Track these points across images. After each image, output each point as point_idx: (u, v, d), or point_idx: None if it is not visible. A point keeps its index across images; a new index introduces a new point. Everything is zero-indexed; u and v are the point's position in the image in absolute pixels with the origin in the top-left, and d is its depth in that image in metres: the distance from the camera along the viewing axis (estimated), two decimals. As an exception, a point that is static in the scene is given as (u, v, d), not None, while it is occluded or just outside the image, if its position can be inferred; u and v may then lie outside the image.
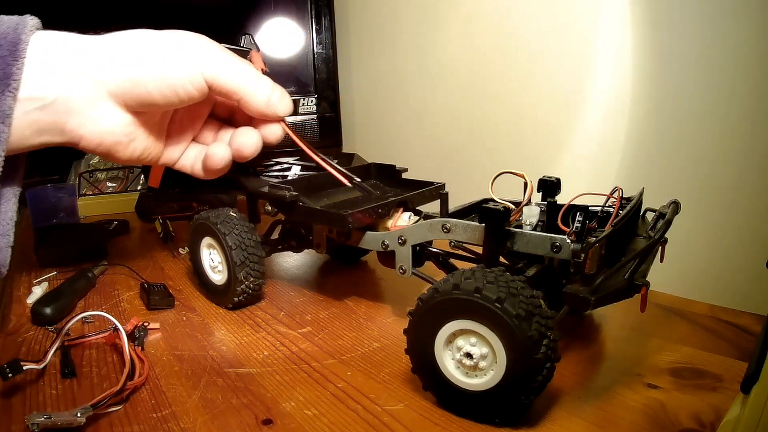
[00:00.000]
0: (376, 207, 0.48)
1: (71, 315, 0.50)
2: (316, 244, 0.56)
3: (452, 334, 0.34)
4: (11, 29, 0.28)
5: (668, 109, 0.61)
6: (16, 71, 0.27)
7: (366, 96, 1.06)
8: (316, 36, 0.96)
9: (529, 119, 0.76)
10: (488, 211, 0.38)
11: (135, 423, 0.36)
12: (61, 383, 0.41)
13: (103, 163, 1.00)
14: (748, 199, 0.56)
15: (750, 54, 0.54)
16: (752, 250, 0.56)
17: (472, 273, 0.34)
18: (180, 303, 0.56)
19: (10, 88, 0.27)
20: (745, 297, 0.53)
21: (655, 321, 0.49)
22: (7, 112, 0.27)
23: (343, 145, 1.06)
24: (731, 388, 0.38)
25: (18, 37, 0.28)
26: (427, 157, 0.93)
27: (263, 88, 0.34)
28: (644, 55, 0.62)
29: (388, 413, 0.37)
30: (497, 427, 0.34)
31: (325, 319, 0.52)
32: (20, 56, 0.27)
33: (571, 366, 0.41)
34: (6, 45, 0.27)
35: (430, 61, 0.89)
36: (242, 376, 0.42)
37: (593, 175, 0.69)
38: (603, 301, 0.32)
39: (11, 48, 0.27)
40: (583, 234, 0.34)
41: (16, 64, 0.27)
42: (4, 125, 0.27)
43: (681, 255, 0.49)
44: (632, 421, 0.35)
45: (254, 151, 0.35)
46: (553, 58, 0.71)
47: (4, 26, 0.28)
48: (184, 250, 0.72)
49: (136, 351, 0.44)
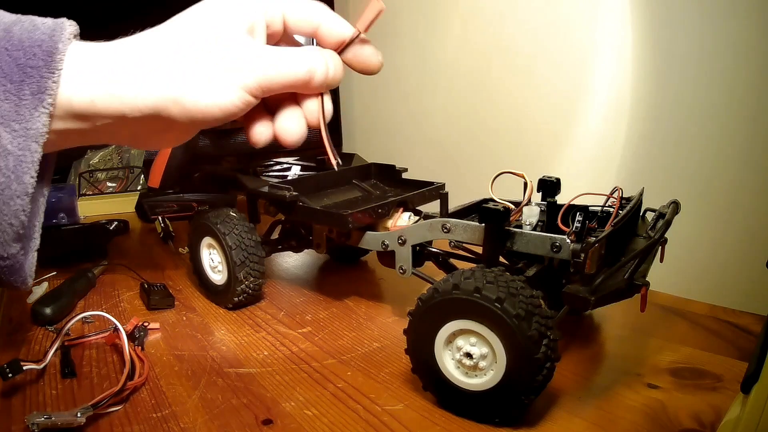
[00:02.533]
0: (376, 207, 0.48)
1: (71, 315, 0.50)
2: (316, 244, 0.56)
3: (452, 334, 0.34)
4: (47, 36, 0.25)
5: (668, 109, 0.61)
6: (51, 85, 0.24)
7: (366, 96, 1.05)
8: (316, 36, 0.96)
9: (529, 119, 0.76)
10: (488, 211, 0.38)
11: (135, 423, 0.36)
12: (61, 383, 0.41)
13: (103, 163, 1.00)
14: (748, 199, 0.56)
15: (750, 54, 0.54)
16: (752, 250, 0.56)
17: (471, 273, 0.34)
18: (180, 303, 0.56)
19: (45, 104, 0.24)
20: (745, 297, 0.53)
21: (655, 321, 0.49)
22: (40, 130, 0.24)
23: (343, 145, 1.07)
24: (731, 388, 0.38)
25: (54, 45, 0.25)
26: (427, 157, 0.92)
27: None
28: (644, 55, 0.62)
29: (388, 413, 0.36)
30: (497, 427, 0.34)
31: (325, 319, 0.52)
32: (56, 68, 0.24)
33: (571, 366, 0.41)
34: (41, 54, 0.24)
35: (430, 61, 0.89)
36: (242, 376, 0.42)
37: (593, 175, 0.69)
38: (603, 301, 0.32)
39: (46, 58, 0.24)
40: (582, 234, 0.34)
41: (52, 77, 0.24)
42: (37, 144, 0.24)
43: (681, 255, 0.49)
44: (632, 421, 0.35)
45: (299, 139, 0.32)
46: (553, 58, 0.71)
47: (38, 32, 0.25)
48: (184, 250, 0.72)
49: (136, 351, 0.44)
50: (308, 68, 0.29)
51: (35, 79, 0.24)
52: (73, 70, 0.25)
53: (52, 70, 0.24)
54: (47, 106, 0.24)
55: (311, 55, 0.30)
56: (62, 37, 0.25)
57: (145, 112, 0.27)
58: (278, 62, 0.29)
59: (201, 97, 0.27)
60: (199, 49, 0.27)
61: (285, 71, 0.29)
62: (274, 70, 0.28)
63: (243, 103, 0.28)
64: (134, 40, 0.28)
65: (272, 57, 0.29)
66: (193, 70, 0.27)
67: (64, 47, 0.25)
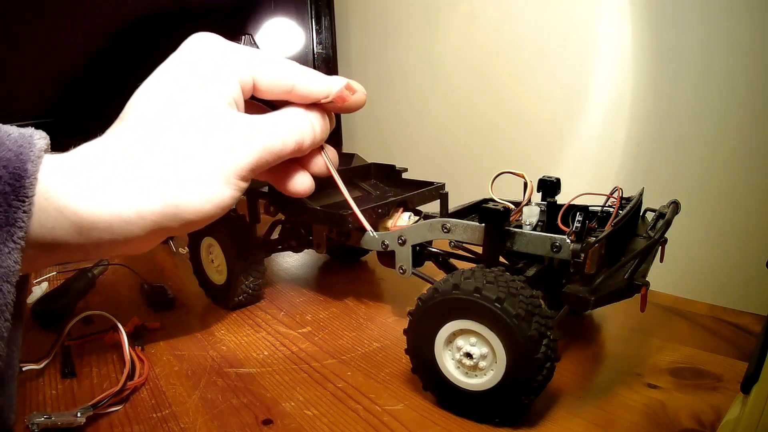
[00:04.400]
0: (376, 207, 0.48)
1: (71, 315, 0.50)
2: (316, 244, 0.56)
3: (452, 334, 0.34)
4: (14, 155, 0.20)
5: (668, 109, 0.61)
6: (21, 216, 0.20)
7: (366, 96, 1.05)
8: (316, 36, 0.96)
9: (529, 119, 0.76)
10: (488, 211, 0.38)
11: (135, 423, 0.36)
12: (61, 383, 0.41)
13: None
14: (748, 199, 0.56)
15: (750, 53, 0.54)
16: (752, 250, 0.56)
17: (471, 273, 0.34)
18: (180, 303, 0.56)
19: (15, 238, 0.20)
20: (745, 297, 0.53)
21: (655, 321, 0.49)
22: (12, 268, 0.20)
23: (343, 145, 1.06)
24: (731, 388, 0.38)
25: (23, 167, 0.20)
26: (427, 157, 0.93)
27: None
28: (644, 55, 0.62)
29: (388, 413, 0.37)
30: (497, 427, 0.34)
31: (325, 319, 0.52)
32: (26, 195, 0.20)
33: (571, 366, 0.41)
34: (6, 178, 0.20)
35: (430, 61, 0.89)
36: (242, 376, 0.42)
37: (593, 175, 0.69)
38: (603, 301, 0.32)
39: (14, 182, 0.20)
40: (582, 234, 0.34)
41: (22, 206, 0.20)
42: (10, 284, 0.20)
43: (681, 255, 0.49)
44: (632, 421, 0.35)
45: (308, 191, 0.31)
46: (553, 58, 0.71)
47: (4, 148, 0.20)
48: (184, 250, 0.72)
49: (136, 351, 0.44)
50: (298, 137, 0.27)
51: (2, 209, 0.20)
52: (50, 195, 0.21)
53: (21, 198, 0.20)
54: (18, 241, 0.20)
55: (298, 121, 0.28)
56: (30, 156, 0.21)
57: (144, 232, 0.24)
58: (266, 142, 0.26)
59: (200, 203, 0.24)
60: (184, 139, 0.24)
61: (277, 149, 0.26)
62: (264, 150, 0.26)
63: (240, 191, 0.26)
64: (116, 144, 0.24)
65: (259, 137, 0.26)
66: (182, 168, 0.24)
67: (34, 169, 0.21)
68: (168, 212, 0.24)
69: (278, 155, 0.27)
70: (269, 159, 0.26)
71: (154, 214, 0.23)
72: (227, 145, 0.25)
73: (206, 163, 0.24)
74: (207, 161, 0.24)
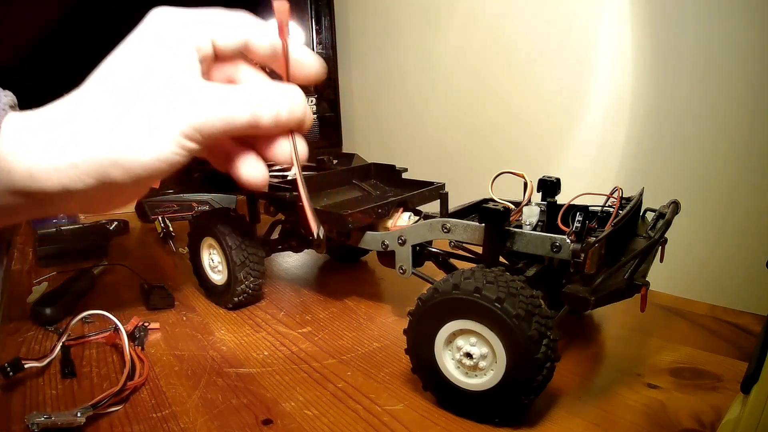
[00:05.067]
0: (376, 207, 0.48)
1: (71, 315, 0.50)
2: (316, 244, 0.56)
3: (452, 334, 0.34)
4: None
5: (668, 109, 0.61)
6: None
7: (366, 96, 1.05)
8: (316, 36, 0.96)
9: (529, 119, 0.76)
10: (488, 211, 0.38)
11: (135, 423, 0.36)
12: (61, 383, 0.41)
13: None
14: (748, 199, 0.56)
15: (750, 53, 0.54)
16: (752, 250, 0.56)
17: (471, 273, 0.34)
18: (180, 303, 0.56)
19: None
20: (745, 297, 0.53)
21: (655, 321, 0.49)
22: None
23: (343, 145, 1.06)
24: (731, 388, 0.38)
25: None
26: (427, 157, 0.93)
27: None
28: (644, 55, 0.62)
29: (388, 413, 0.37)
30: (497, 427, 0.34)
31: (325, 319, 0.52)
32: None
33: (571, 366, 0.41)
34: None
35: (430, 61, 0.89)
36: (242, 376, 0.42)
37: (593, 175, 0.69)
38: (603, 301, 0.32)
39: None
40: (583, 234, 0.34)
41: None
42: None
43: (681, 255, 0.49)
44: (632, 421, 0.35)
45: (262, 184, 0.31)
46: (553, 58, 0.71)
47: None
48: (184, 250, 0.72)
49: (136, 351, 0.44)
50: (251, 111, 0.27)
51: None
52: (9, 145, 0.24)
53: None
54: None
55: (253, 94, 0.27)
56: None
57: (88, 181, 0.25)
58: (215, 105, 0.26)
59: (141, 154, 0.25)
60: (130, 97, 0.25)
61: (223, 115, 0.26)
62: (212, 113, 0.26)
63: (185, 150, 0.26)
64: (68, 102, 0.26)
65: (208, 99, 0.26)
66: (126, 123, 0.25)
67: None
68: (105, 163, 0.25)
69: (228, 123, 0.26)
70: (218, 125, 0.26)
71: (87, 165, 0.25)
72: (174, 104, 0.25)
73: (150, 118, 0.25)
74: (151, 116, 0.25)
